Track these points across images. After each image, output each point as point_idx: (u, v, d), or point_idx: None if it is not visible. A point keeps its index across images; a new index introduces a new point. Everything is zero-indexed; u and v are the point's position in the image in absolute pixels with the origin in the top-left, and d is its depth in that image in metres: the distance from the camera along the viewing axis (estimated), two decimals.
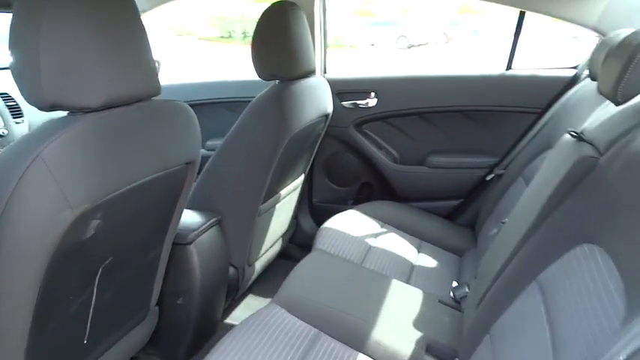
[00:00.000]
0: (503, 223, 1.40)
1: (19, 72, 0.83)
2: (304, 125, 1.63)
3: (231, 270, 1.67)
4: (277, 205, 1.82)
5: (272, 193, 1.73)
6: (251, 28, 1.56)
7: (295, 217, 2.15)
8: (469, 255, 1.79)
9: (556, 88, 1.85)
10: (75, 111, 0.85)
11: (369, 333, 1.22)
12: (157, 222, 1.17)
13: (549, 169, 1.15)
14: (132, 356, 1.38)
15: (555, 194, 1.02)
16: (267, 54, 1.53)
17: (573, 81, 1.84)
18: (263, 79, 1.57)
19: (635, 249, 0.73)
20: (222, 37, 15.04)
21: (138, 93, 0.92)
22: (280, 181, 1.76)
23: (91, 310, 1.08)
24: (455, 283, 1.60)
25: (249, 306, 1.96)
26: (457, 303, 1.47)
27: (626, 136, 0.95)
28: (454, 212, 2.08)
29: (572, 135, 1.12)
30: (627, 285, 0.70)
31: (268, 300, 1.99)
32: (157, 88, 0.97)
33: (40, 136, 0.79)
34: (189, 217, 1.50)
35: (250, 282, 1.83)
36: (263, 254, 1.86)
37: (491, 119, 1.98)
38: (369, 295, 1.38)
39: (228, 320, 1.84)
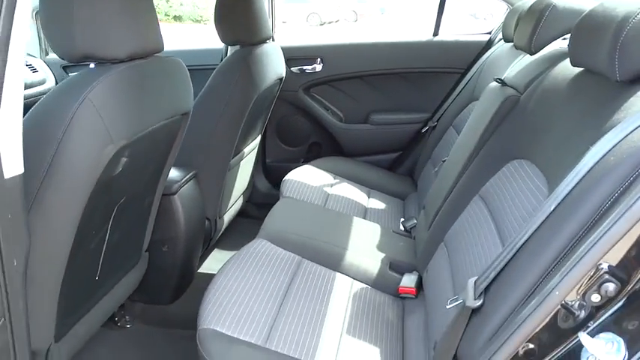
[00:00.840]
0: (443, 161, 1.68)
1: (51, 25, 0.94)
2: (266, 86, 1.80)
3: (206, 222, 1.82)
4: (241, 163, 1.98)
5: (238, 150, 1.90)
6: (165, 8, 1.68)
7: (251, 177, 2.32)
8: (411, 197, 2.08)
9: (475, 50, 2.17)
10: (104, 62, 0.98)
11: (342, 256, 1.45)
12: (156, 168, 1.31)
13: (481, 110, 1.43)
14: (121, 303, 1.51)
15: (489, 127, 1.30)
16: (232, 21, 1.67)
17: (488, 44, 2.16)
18: (227, 44, 1.72)
19: (550, 155, 1.00)
20: None
21: (152, 47, 1.05)
22: (244, 139, 1.92)
23: (104, 248, 1.21)
24: (402, 219, 1.88)
25: (217, 258, 2.12)
26: (408, 232, 1.75)
27: (539, 78, 1.24)
28: (394, 163, 2.36)
29: (497, 81, 1.41)
30: (548, 179, 0.98)
31: (233, 252, 2.19)
32: (162, 45, 1.11)
33: (83, 81, 0.91)
34: (171, 172, 1.63)
35: (219, 234, 1.99)
36: (229, 208, 2.02)
37: (423, 79, 2.26)
38: (338, 228, 1.61)
39: (202, 270, 2.00)
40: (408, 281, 1.41)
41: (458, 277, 1.13)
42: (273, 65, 1.89)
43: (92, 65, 0.98)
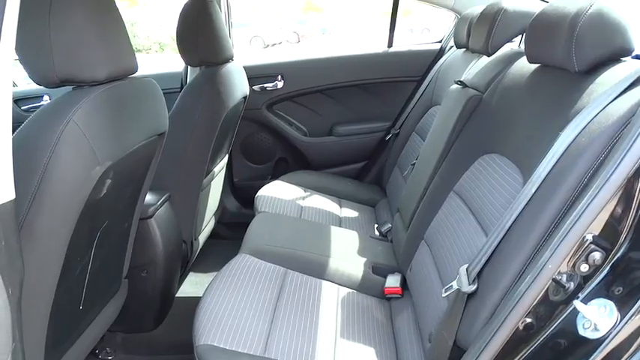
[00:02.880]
0: (413, 165, 1.74)
1: (28, 52, 0.93)
2: (233, 105, 1.82)
3: (183, 245, 1.80)
4: (212, 183, 1.98)
5: (208, 170, 1.89)
6: None
7: (221, 197, 2.31)
8: (381, 204, 2.13)
9: (429, 58, 2.28)
10: (83, 85, 0.97)
11: (326, 264, 1.48)
12: (134, 190, 1.30)
13: (445, 112, 1.51)
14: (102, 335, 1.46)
15: (456, 127, 1.37)
16: (195, 42, 1.69)
17: (441, 52, 2.27)
18: (191, 66, 1.72)
19: (520, 146, 1.07)
20: None
21: (127, 68, 1.06)
22: (214, 159, 1.92)
23: (87, 276, 1.18)
24: (376, 225, 1.93)
25: (193, 282, 2.09)
26: (384, 237, 1.79)
27: (498, 77, 1.32)
28: (361, 173, 2.42)
29: (458, 84, 1.49)
30: (521, 168, 1.04)
31: (210, 275, 2.17)
32: (137, 66, 1.11)
33: (65, 104, 0.90)
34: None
35: (196, 256, 1.97)
36: (204, 229, 2.00)
37: (382, 89, 2.35)
38: (317, 237, 1.63)
39: (179, 295, 1.96)
40: (393, 281, 1.45)
41: (444, 270, 1.17)
42: (238, 84, 1.91)
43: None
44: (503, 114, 1.22)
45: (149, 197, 1.59)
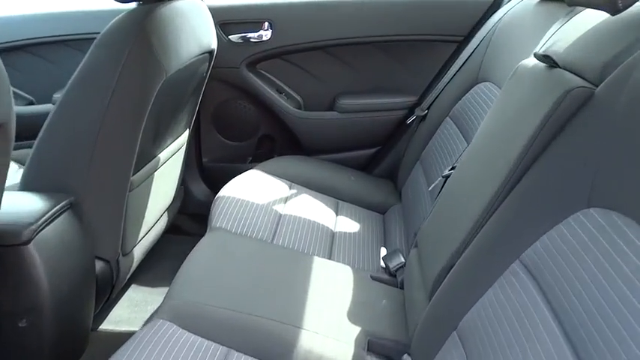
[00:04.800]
0: (444, 177, 1.14)
1: None
2: (182, 65, 1.22)
3: (100, 265, 1.25)
4: (156, 173, 1.41)
5: (147, 158, 1.32)
6: None
7: (183, 184, 1.75)
8: (393, 212, 1.55)
9: (478, 11, 1.61)
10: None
11: (294, 340, 0.92)
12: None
13: (515, 103, 0.88)
14: None
15: (538, 140, 0.75)
16: None
17: (497, 2, 1.60)
18: (120, 1, 1.12)
19: None
20: None
21: None
22: (157, 141, 1.34)
23: None
24: (383, 250, 1.35)
25: (133, 301, 1.57)
26: (392, 276, 1.22)
27: (630, 57, 0.70)
28: (370, 163, 1.82)
29: (541, 60, 0.86)
30: None
31: (156, 291, 1.64)
32: None
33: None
34: (24, 204, 1.05)
35: (129, 274, 1.43)
36: (143, 237, 1.45)
37: (407, 51, 1.70)
38: (287, 285, 1.07)
39: (105, 326, 1.44)
40: None
41: None
42: (195, 32, 1.30)
43: None
44: (633, 133, 0.61)
45: (31, 209, 1.04)
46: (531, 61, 0.91)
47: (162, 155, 1.41)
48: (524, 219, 0.74)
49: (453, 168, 1.12)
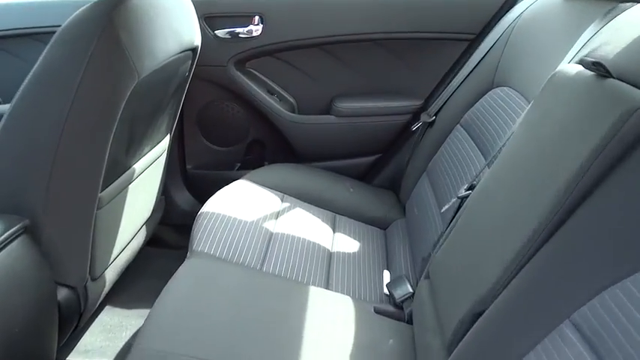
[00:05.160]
0: (460, 198, 0.99)
1: None
2: (159, 65, 1.06)
3: (65, 292, 1.09)
4: (131, 186, 1.24)
5: (120, 170, 1.16)
6: None
7: (164, 193, 1.59)
8: (396, 227, 1.41)
9: (492, 6, 1.45)
10: None
11: None
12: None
13: (551, 123, 0.74)
14: None
15: (595, 168, 0.60)
16: None
17: None
18: None
19: None
20: None
21: None
22: (132, 150, 1.18)
23: None
24: (387, 274, 1.21)
25: (106, 326, 1.41)
26: (398, 307, 1.07)
27: None
28: (370, 172, 1.67)
29: (591, 67, 0.71)
30: None
31: (133, 313, 1.48)
32: None
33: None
34: None
35: (101, 299, 1.27)
36: (117, 256, 1.29)
37: (412, 50, 1.54)
38: (278, 325, 0.91)
39: (73, 358, 1.28)
40: None
41: None
42: (174, 27, 1.14)
43: None
44: None
45: None
46: (571, 68, 0.76)
47: (139, 165, 1.25)
48: (577, 267, 0.59)
49: (470, 187, 0.98)
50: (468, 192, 0.97)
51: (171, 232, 1.75)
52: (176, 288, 0.96)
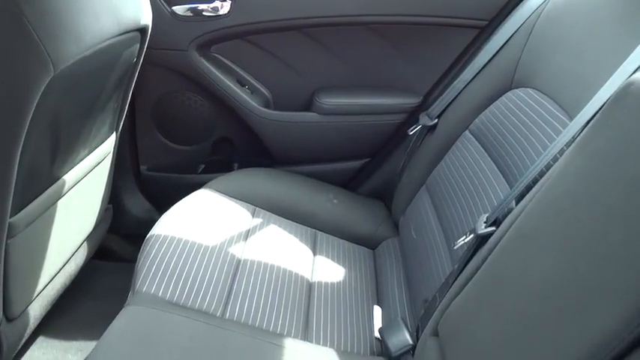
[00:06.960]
0: (478, 234, 0.77)
1: None
2: (88, 50, 0.80)
3: None
4: (62, 201, 0.99)
5: (42, 184, 0.91)
6: None
7: (112, 201, 1.34)
8: (387, 248, 1.20)
9: None
10: None
11: None
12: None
13: (633, 153, 0.52)
14: None
15: None
16: None
17: None
18: None
19: None
20: None
21: None
22: (58, 158, 0.93)
23: None
24: (378, 311, 1.00)
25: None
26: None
27: None
28: (356, 177, 1.44)
29: None
30: None
31: (74, 346, 1.24)
32: None
33: None
34: None
35: (26, 337, 1.02)
36: (44, 287, 1.04)
37: (410, 37, 1.30)
38: None
39: None
40: None
41: None
42: (109, 1, 0.88)
43: None
44: None
45: None
46: None
47: (72, 175, 1.00)
48: None
49: (494, 223, 0.76)
50: (490, 229, 0.75)
51: (122, 242, 1.51)
52: (108, 351, 0.73)
